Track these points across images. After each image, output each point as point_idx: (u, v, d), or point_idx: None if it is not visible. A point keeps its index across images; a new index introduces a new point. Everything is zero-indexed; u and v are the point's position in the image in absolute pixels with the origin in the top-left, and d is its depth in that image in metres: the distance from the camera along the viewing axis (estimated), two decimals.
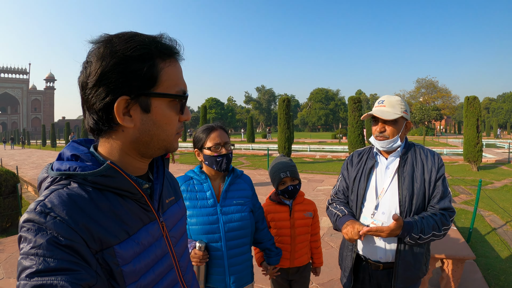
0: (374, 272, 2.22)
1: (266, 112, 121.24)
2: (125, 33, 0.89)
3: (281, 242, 2.69)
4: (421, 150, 2.22)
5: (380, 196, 2.17)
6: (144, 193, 0.96)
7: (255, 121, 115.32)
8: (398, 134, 2.13)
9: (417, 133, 54.02)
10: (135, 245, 0.91)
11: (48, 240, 0.73)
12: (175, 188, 1.25)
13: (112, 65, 0.83)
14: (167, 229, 1.06)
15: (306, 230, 2.77)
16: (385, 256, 2.14)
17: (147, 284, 0.93)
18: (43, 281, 0.70)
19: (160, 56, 0.90)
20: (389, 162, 2.22)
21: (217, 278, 2.11)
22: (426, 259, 2.18)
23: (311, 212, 2.79)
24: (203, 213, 2.09)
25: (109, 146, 0.93)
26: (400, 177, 2.13)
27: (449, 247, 3.70)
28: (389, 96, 2.21)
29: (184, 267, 1.14)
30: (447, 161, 17.95)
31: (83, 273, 0.76)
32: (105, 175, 0.87)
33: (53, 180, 0.86)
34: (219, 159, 2.12)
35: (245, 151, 27.85)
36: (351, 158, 2.46)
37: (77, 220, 0.79)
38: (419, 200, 2.07)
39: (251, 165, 17.62)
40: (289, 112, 17.96)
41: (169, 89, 0.91)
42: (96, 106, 0.86)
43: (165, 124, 0.93)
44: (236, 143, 39.79)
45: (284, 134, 17.67)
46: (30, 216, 0.76)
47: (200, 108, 23.72)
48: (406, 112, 2.16)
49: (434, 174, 2.10)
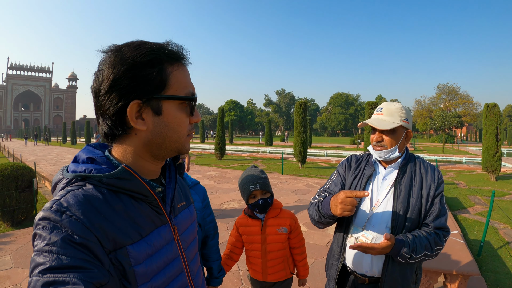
0: (360, 286, 2.11)
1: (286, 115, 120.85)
2: (133, 42, 0.93)
3: (252, 256, 2.59)
4: (421, 163, 2.11)
5: (374, 207, 2.05)
6: (157, 197, 0.99)
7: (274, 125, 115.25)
8: (397, 144, 2.02)
9: (437, 140, 52.66)
10: (148, 247, 0.93)
11: (62, 238, 0.75)
12: (186, 193, 1.28)
13: (123, 71, 0.87)
14: (178, 233, 1.08)
15: (280, 246, 2.56)
16: (371, 270, 2.03)
17: (158, 285, 0.95)
18: (56, 278, 0.72)
19: (168, 61, 0.93)
20: (387, 173, 2.10)
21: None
22: (416, 277, 2.07)
23: (286, 228, 2.56)
24: None
25: (123, 150, 0.97)
26: (396, 189, 2.02)
27: (453, 262, 3.56)
28: (388, 103, 2.10)
29: (194, 271, 1.16)
30: (465, 170, 17.34)
31: (95, 271, 0.77)
32: (120, 178, 0.90)
33: (69, 181, 0.89)
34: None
35: (262, 154, 27.89)
36: (349, 162, 2.30)
37: (92, 220, 0.81)
38: (414, 215, 1.96)
39: (266, 169, 17.55)
40: (305, 116, 17.81)
41: (178, 91, 0.95)
42: (109, 111, 0.90)
43: (176, 125, 0.96)
44: (254, 146, 39.98)
45: (300, 139, 17.54)
46: (46, 214, 0.78)
47: (218, 110, 23.69)
48: (406, 121, 2.02)
49: (433, 190, 2.00)
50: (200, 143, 44.91)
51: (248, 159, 23.85)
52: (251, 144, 45.56)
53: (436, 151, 31.28)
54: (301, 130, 17.58)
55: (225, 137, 29.17)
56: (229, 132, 50.64)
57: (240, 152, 30.82)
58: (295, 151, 18.03)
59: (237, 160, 22.73)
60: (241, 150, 33.82)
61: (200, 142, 45.81)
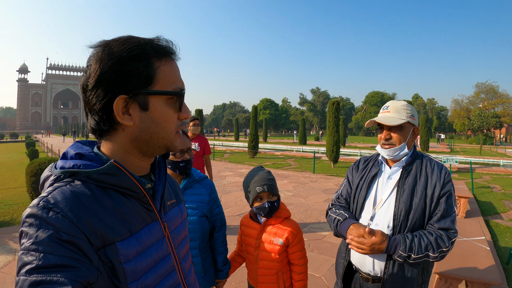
0: (364, 284, 2.11)
1: (321, 114, 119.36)
2: (122, 37, 0.93)
3: (247, 260, 2.45)
4: (428, 162, 2.08)
5: (377, 207, 2.06)
6: (146, 193, 0.98)
7: (309, 123, 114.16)
8: (405, 141, 2.02)
9: (475, 141, 50.05)
10: (137, 244, 0.92)
11: (49, 236, 0.74)
12: (176, 191, 1.27)
13: (110, 66, 0.87)
14: (168, 230, 1.07)
15: (273, 257, 2.28)
16: (374, 269, 2.03)
17: (148, 283, 0.94)
18: (43, 277, 0.71)
19: (155, 55, 0.92)
20: (392, 172, 2.10)
21: None
22: (423, 279, 2.01)
23: (282, 240, 2.26)
24: None
25: (111, 146, 0.96)
26: (399, 189, 2.01)
27: (475, 269, 3.42)
28: (394, 101, 2.12)
29: (186, 269, 1.15)
30: (502, 173, 16.34)
31: (83, 270, 0.76)
32: (109, 173, 0.89)
33: (57, 178, 0.88)
34: (182, 164, 2.20)
35: (295, 153, 27.78)
36: (358, 164, 2.36)
37: (79, 216, 0.80)
38: (416, 216, 1.94)
39: (298, 167, 17.57)
40: (338, 115, 17.59)
41: (165, 87, 0.94)
42: (96, 106, 0.89)
43: (164, 121, 0.95)
44: (288, 144, 39.84)
45: (333, 138, 17.37)
46: (33, 211, 0.77)
47: (252, 108, 23.82)
48: (412, 117, 2.04)
49: (438, 190, 1.95)
50: (234, 141, 45.28)
51: (281, 157, 23.89)
52: (285, 142, 45.45)
53: (473, 153, 29.86)
54: (333, 129, 17.40)
55: (259, 136, 29.25)
56: (263, 130, 50.89)
57: (274, 150, 30.91)
58: (327, 150, 17.89)
59: (270, 159, 22.85)
60: (275, 148, 33.90)
61: (234, 140, 46.19)
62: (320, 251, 5.69)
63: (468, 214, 8.04)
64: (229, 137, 56.06)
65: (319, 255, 5.49)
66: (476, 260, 3.63)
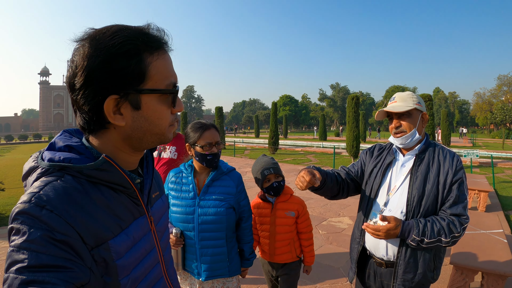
0: (378, 269, 2.20)
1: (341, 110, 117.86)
2: (109, 28, 0.86)
3: (262, 237, 2.83)
4: (440, 150, 2.15)
5: (391, 193, 2.15)
6: (136, 188, 0.97)
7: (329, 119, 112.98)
8: (415, 128, 2.10)
9: (498, 135, 48.06)
10: (127, 239, 0.91)
11: (42, 235, 0.71)
12: (159, 183, 1.25)
13: (98, 64, 0.81)
14: (154, 223, 1.07)
15: (288, 229, 2.77)
16: (387, 254, 2.11)
17: (137, 277, 0.94)
18: (34, 277, 0.69)
19: (147, 50, 0.87)
20: (406, 160, 2.19)
21: (190, 264, 2.32)
22: (434, 265, 2.08)
23: (294, 212, 2.78)
24: (183, 204, 2.29)
25: (101, 142, 0.92)
26: (412, 176, 2.09)
27: (491, 261, 3.43)
28: (399, 93, 2.22)
29: (168, 260, 1.16)
30: None
31: (76, 271, 0.74)
32: (100, 169, 0.86)
33: (45, 171, 0.84)
34: (209, 158, 2.25)
35: (316, 148, 27.74)
36: (373, 149, 2.46)
37: (73, 215, 0.77)
38: (429, 202, 2.01)
39: (318, 163, 17.56)
40: (358, 110, 17.47)
41: (158, 83, 0.89)
42: (85, 107, 0.85)
43: (157, 119, 0.92)
44: (308, 140, 39.80)
45: (353, 133, 17.27)
46: (25, 208, 0.73)
47: (271, 105, 23.90)
48: (419, 104, 2.13)
49: (450, 177, 2.02)
50: (255, 137, 45.36)
51: (302, 153, 23.89)
52: (305, 138, 45.34)
53: (495, 147, 28.93)
54: (353, 124, 17.30)
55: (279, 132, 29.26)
56: (283, 126, 50.90)
57: (294, 146, 30.90)
58: (347, 145, 17.80)
59: (290, 155, 22.88)
60: (295, 144, 33.82)
61: (255, 137, 46.26)
62: (339, 243, 5.80)
63: (488, 208, 7.94)
64: (249, 134, 56.15)
65: (338, 247, 5.61)
66: (493, 252, 3.62)
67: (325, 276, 4.56)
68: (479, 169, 15.05)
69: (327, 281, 4.42)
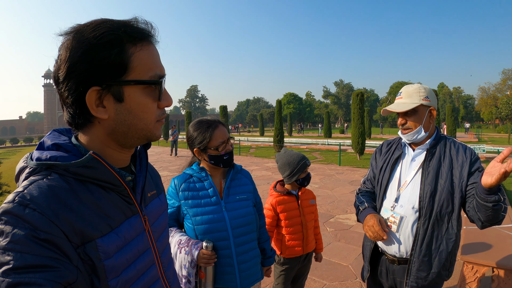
0: (390, 266, 2.17)
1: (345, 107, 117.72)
2: (94, 21, 0.86)
3: (293, 232, 2.79)
4: (452, 144, 2.09)
5: (401, 188, 2.11)
6: (127, 186, 0.95)
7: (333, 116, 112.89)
8: (421, 124, 2.05)
9: (503, 130, 47.81)
10: (118, 239, 0.88)
11: (26, 234, 0.70)
12: (156, 182, 1.22)
13: (79, 56, 0.80)
14: (149, 223, 1.04)
15: (312, 216, 2.94)
16: (399, 251, 2.08)
17: (128, 279, 0.91)
18: (21, 279, 0.67)
19: (130, 40, 0.85)
20: (416, 154, 2.14)
21: (226, 278, 2.02)
22: (450, 262, 2.03)
23: (313, 200, 2.98)
24: (207, 211, 2.00)
25: (88, 138, 0.91)
26: (424, 171, 2.04)
27: (501, 256, 3.37)
28: (407, 86, 2.14)
29: (166, 263, 1.12)
30: None
31: (63, 270, 0.73)
32: (88, 166, 0.84)
33: (33, 170, 0.83)
34: (226, 157, 2.05)
35: (321, 146, 27.72)
36: (381, 148, 2.40)
37: (57, 213, 0.76)
38: (443, 197, 1.95)
39: (323, 160, 17.55)
40: (363, 107, 17.41)
41: (142, 74, 0.87)
42: (69, 100, 0.84)
43: (142, 112, 0.89)
44: (313, 138, 39.76)
45: (358, 129, 17.21)
46: (8, 208, 0.72)
47: (276, 103, 23.87)
48: (426, 99, 2.04)
49: (467, 168, 1.96)
50: (259, 136, 45.39)
51: (307, 150, 23.83)
52: (310, 136, 45.25)
53: (501, 142, 28.66)
54: (358, 121, 17.26)
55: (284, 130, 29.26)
56: (288, 124, 50.77)
57: (299, 144, 30.84)
58: (353, 142, 17.77)
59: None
60: (300, 142, 33.80)
61: (260, 135, 46.31)
62: (347, 240, 5.77)
63: None
64: (254, 133, 56.24)
65: (346, 245, 5.58)
66: (503, 247, 3.57)
67: (334, 274, 4.53)
68: (485, 164, 14.91)
69: (336, 279, 4.40)
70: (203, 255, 1.89)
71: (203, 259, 1.89)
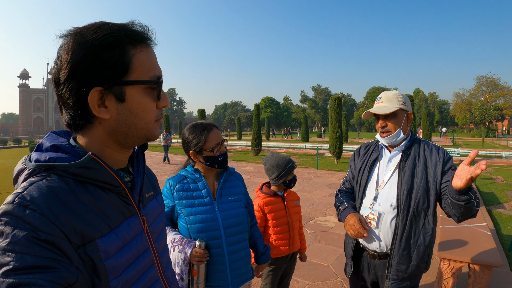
0: (372, 261, 2.28)
1: (322, 111, 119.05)
2: (93, 24, 0.88)
3: (280, 232, 2.88)
4: (425, 145, 2.24)
5: (379, 187, 2.23)
6: (125, 186, 0.96)
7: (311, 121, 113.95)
8: (400, 127, 2.18)
9: (477, 134, 49.68)
10: (117, 239, 0.89)
11: (26, 235, 0.70)
12: (153, 183, 1.24)
13: (82, 57, 0.82)
14: (147, 224, 1.05)
15: (297, 217, 3.07)
16: (380, 246, 2.20)
17: (128, 279, 0.92)
18: (21, 279, 0.67)
19: (130, 42, 0.88)
20: (392, 155, 2.27)
21: (218, 276, 2.08)
22: (427, 255, 2.18)
23: (298, 201, 3.11)
24: (201, 211, 2.07)
25: (87, 139, 0.92)
26: (400, 171, 2.17)
27: (477, 252, 3.54)
28: (386, 92, 2.28)
29: (164, 263, 1.13)
30: (505, 165, 16.41)
31: (63, 271, 0.73)
32: (87, 167, 0.85)
33: (32, 171, 0.84)
34: (221, 159, 2.12)
35: (299, 150, 27.94)
36: (359, 150, 2.53)
37: (57, 214, 0.76)
38: (419, 194, 2.09)
39: (301, 164, 17.69)
40: (340, 111, 17.74)
41: (142, 75, 0.90)
42: (70, 100, 0.85)
43: (142, 111, 0.92)
44: (290, 142, 40.05)
45: (335, 134, 17.49)
46: (8, 209, 0.73)
47: (254, 107, 23.95)
48: (404, 104, 2.20)
49: (440, 167, 2.11)
50: (237, 140, 45.39)
51: (285, 154, 23.74)
52: (287, 140, 45.56)
53: (475, 146, 29.73)
54: (336, 125, 17.53)
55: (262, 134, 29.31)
56: (265, 129, 50.99)
57: (277, 148, 31.01)
58: (330, 146, 18.02)
59: None
60: (278, 146, 34.00)
61: (237, 139, 46.30)
62: (327, 242, 5.87)
63: None
64: (231, 136, 56.25)
65: (326, 246, 5.68)
66: (478, 244, 3.74)
67: (316, 274, 4.61)
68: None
69: (318, 278, 4.47)
70: (196, 254, 1.94)
71: (196, 257, 1.94)
